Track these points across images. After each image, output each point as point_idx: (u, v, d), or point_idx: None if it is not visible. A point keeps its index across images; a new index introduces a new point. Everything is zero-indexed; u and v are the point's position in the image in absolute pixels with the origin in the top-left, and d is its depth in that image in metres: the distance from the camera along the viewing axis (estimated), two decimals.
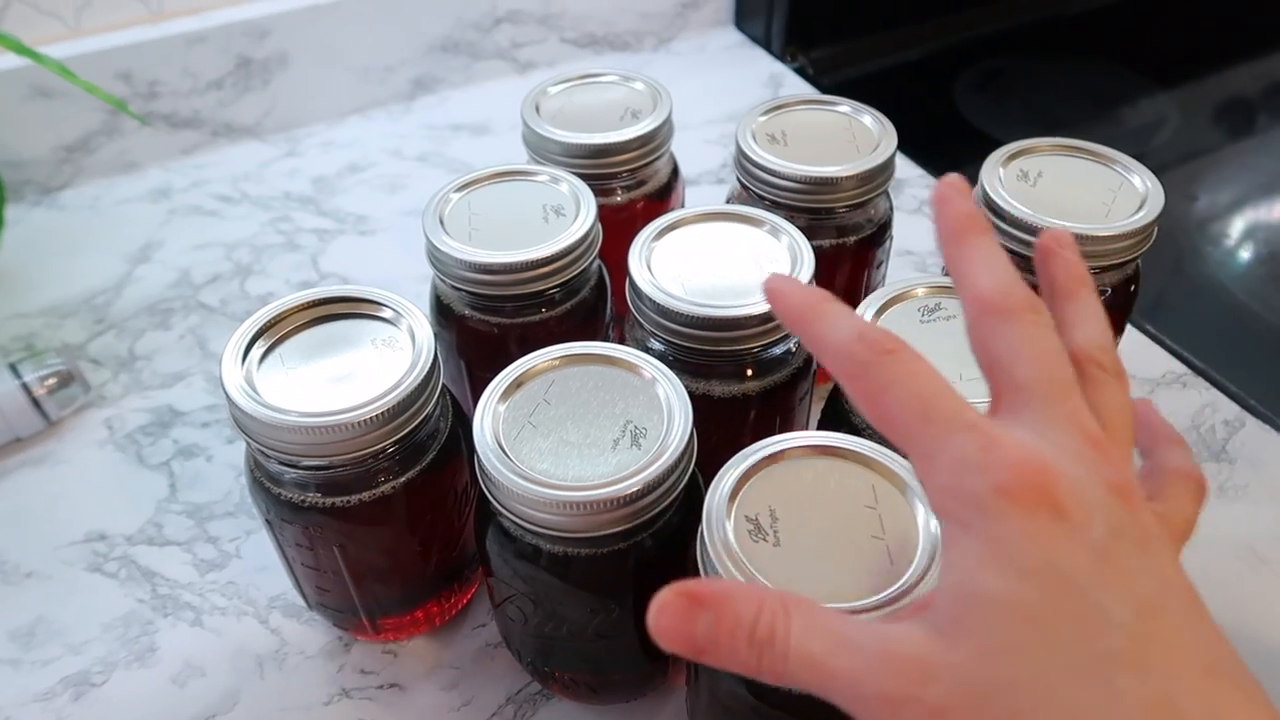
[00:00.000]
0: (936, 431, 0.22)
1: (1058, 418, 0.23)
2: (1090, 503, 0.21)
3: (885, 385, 0.23)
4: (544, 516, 0.34)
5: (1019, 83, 0.94)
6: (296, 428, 0.35)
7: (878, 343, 0.23)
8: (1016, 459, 0.21)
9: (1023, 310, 0.24)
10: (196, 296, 0.65)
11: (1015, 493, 0.20)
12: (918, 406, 0.22)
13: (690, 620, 0.23)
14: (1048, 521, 0.20)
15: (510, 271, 0.43)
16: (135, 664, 0.45)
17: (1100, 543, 0.20)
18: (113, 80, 0.71)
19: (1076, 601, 0.20)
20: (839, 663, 0.21)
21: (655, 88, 0.55)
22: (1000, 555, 0.20)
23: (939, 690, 0.20)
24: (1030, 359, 0.23)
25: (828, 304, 0.25)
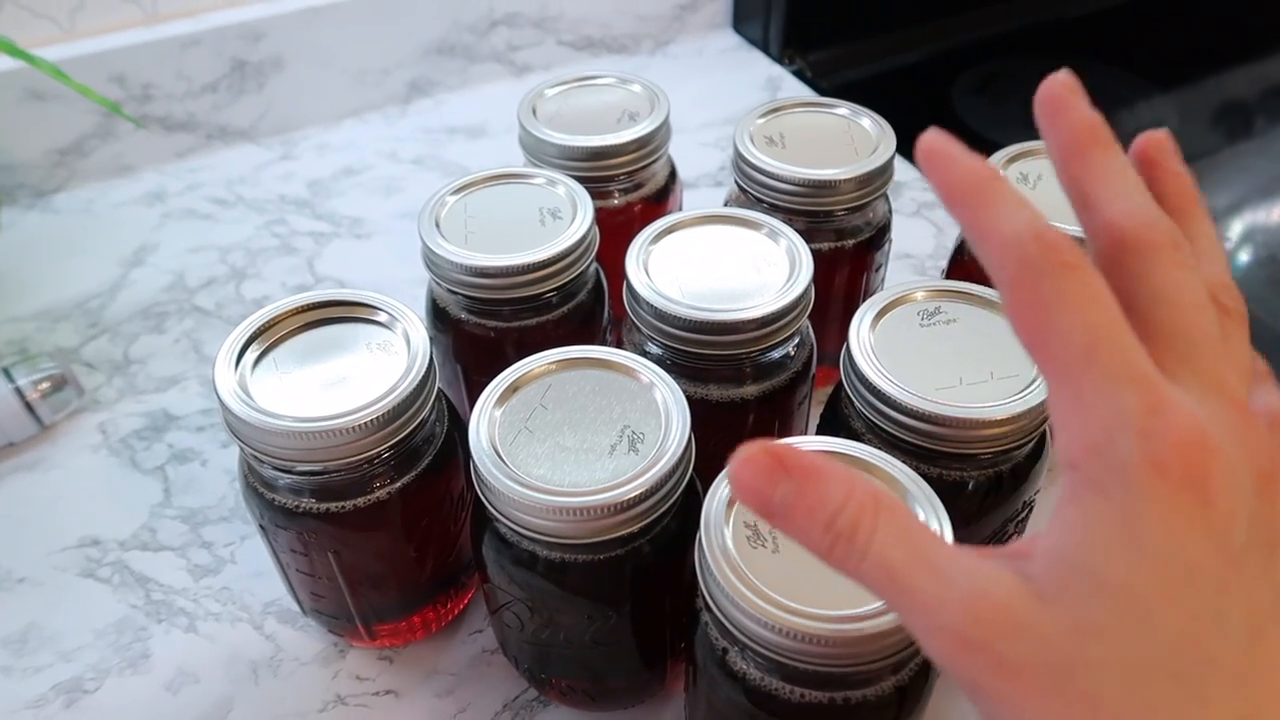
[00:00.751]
0: (1100, 376, 0.19)
1: (1213, 383, 0.20)
2: (1237, 498, 0.19)
3: (1055, 304, 0.20)
4: (540, 523, 0.33)
5: (1017, 85, 0.93)
6: (290, 433, 0.35)
7: (1058, 249, 0.20)
8: (1181, 432, 0.19)
9: (1167, 247, 0.22)
10: (191, 300, 0.64)
11: (1170, 470, 0.18)
12: (1086, 340, 0.19)
13: (771, 483, 0.21)
14: (1192, 508, 0.18)
15: (507, 275, 0.42)
16: (128, 671, 0.45)
17: (1236, 546, 0.19)
18: (107, 83, 0.71)
19: (1195, 601, 0.18)
20: (918, 582, 0.20)
21: (653, 90, 0.55)
22: (1129, 532, 0.19)
23: (1019, 650, 0.19)
24: (1181, 307, 0.21)
25: (1002, 184, 0.21)
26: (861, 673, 0.31)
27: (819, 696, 0.32)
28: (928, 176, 0.22)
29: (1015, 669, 0.19)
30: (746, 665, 0.32)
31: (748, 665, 0.32)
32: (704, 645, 0.34)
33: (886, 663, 0.30)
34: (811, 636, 0.29)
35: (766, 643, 0.30)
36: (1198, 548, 0.18)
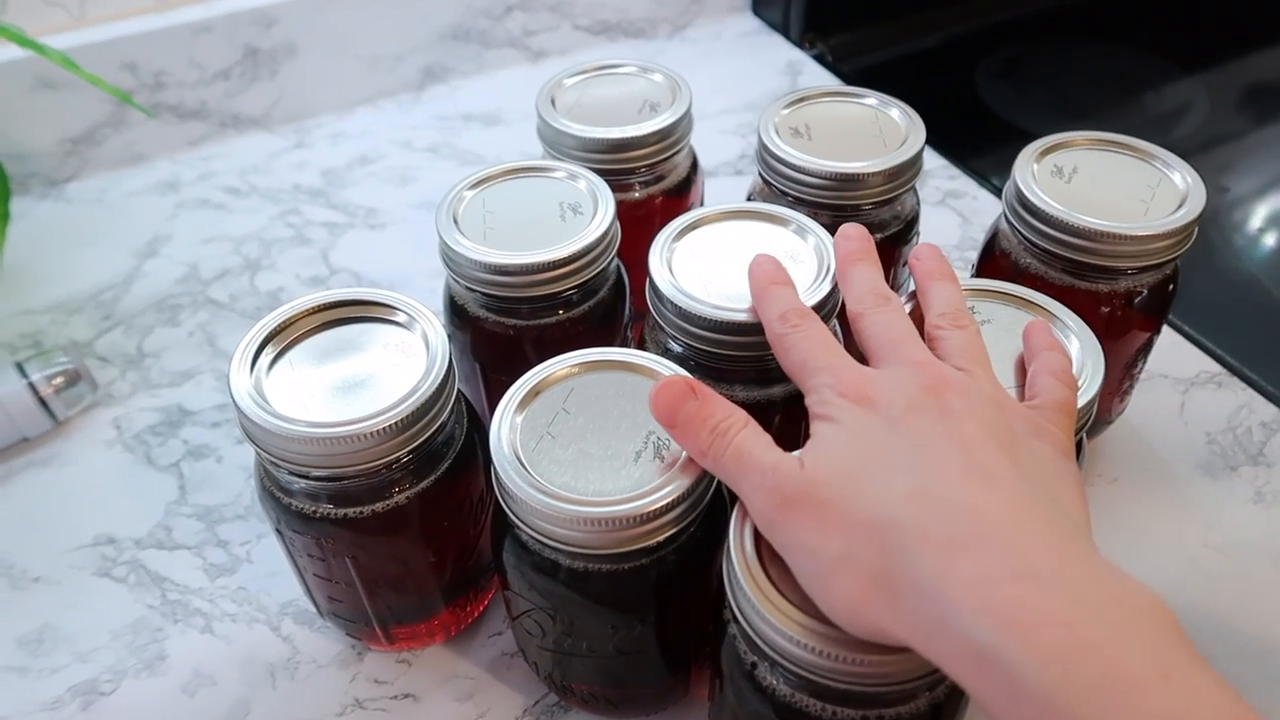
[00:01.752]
0: (811, 372, 0.33)
1: (893, 359, 0.33)
2: (896, 396, 0.31)
3: (789, 348, 0.35)
4: (563, 532, 0.33)
5: (1041, 69, 0.92)
6: (307, 438, 0.34)
7: (788, 318, 0.35)
8: (850, 380, 0.32)
9: (870, 307, 0.35)
10: (205, 292, 0.64)
11: (850, 395, 0.31)
12: (803, 359, 0.34)
13: (682, 400, 0.32)
14: (865, 410, 0.31)
15: (527, 273, 0.41)
16: (145, 672, 0.44)
17: (897, 416, 0.30)
18: (118, 71, 0.70)
19: (874, 441, 0.30)
20: (756, 459, 0.31)
21: (674, 79, 0.53)
22: (835, 423, 0.31)
23: (791, 487, 0.29)
24: (876, 333, 0.34)
25: (776, 287, 0.37)
26: (895, 690, 0.30)
27: (851, 714, 0.31)
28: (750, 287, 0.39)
29: (791, 500, 0.29)
30: (775, 680, 0.31)
31: (777, 680, 0.31)
32: (731, 657, 0.33)
33: (921, 681, 0.30)
34: (844, 654, 0.28)
35: (796, 659, 0.29)
36: (872, 422, 0.30)
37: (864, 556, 0.27)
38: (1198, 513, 0.50)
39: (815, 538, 0.28)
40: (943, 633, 0.26)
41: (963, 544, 0.26)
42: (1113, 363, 0.45)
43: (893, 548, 0.27)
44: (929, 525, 0.27)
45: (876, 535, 0.27)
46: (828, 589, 0.28)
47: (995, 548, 0.26)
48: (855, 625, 0.28)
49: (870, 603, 0.27)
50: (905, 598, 0.26)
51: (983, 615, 0.25)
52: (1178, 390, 0.55)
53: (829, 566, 0.28)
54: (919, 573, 0.26)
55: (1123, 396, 0.50)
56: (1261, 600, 0.46)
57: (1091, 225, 0.42)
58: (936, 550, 0.26)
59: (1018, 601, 0.25)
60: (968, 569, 0.26)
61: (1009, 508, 0.27)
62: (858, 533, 0.28)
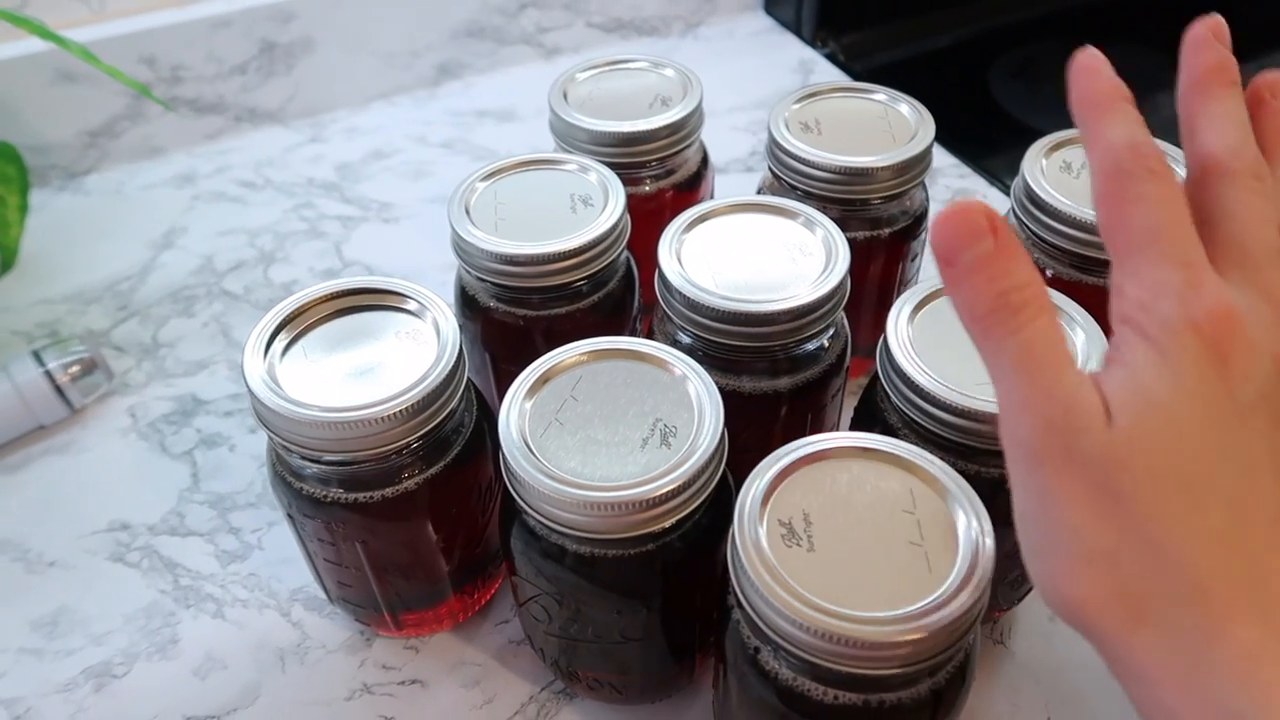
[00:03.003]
0: (1156, 255, 0.24)
1: (1257, 283, 0.25)
2: (1252, 365, 0.24)
3: (1133, 199, 0.25)
4: (570, 517, 0.33)
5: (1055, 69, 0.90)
6: (319, 423, 0.35)
7: (1147, 158, 0.25)
8: (1213, 304, 0.24)
9: (1245, 174, 0.26)
10: (220, 284, 0.64)
11: (1202, 330, 0.23)
12: (1151, 229, 0.24)
13: (975, 237, 0.24)
14: (1214, 365, 0.23)
15: (537, 263, 0.42)
16: (157, 655, 0.45)
17: (1245, 403, 0.24)
18: (136, 64, 0.70)
19: (1209, 434, 0.23)
20: (1044, 369, 0.24)
21: (685, 74, 0.54)
22: (1170, 372, 0.24)
23: (1084, 445, 0.24)
24: (1244, 222, 0.25)
25: (1123, 105, 0.27)
26: (897, 675, 0.30)
27: (853, 698, 0.31)
28: (1070, 83, 0.27)
29: (1077, 458, 0.24)
30: (778, 665, 0.32)
31: (780, 665, 0.32)
32: (735, 643, 0.33)
33: (923, 665, 0.30)
34: (846, 638, 0.29)
35: (800, 643, 0.30)
36: (1216, 395, 0.23)
37: (1131, 568, 0.24)
38: None
39: (1085, 517, 0.24)
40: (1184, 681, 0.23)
41: (1248, 610, 0.23)
42: None
43: (1171, 579, 0.23)
44: (1222, 578, 0.23)
45: (1159, 557, 0.23)
46: (1065, 573, 0.24)
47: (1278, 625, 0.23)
48: (1069, 614, 0.25)
49: (1108, 610, 0.24)
50: (1153, 629, 0.23)
51: (1245, 686, 0.22)
52: None
53: (1084, 555, 0.24)
54: (1187, 617, 0.23)
55: None
56: None
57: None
58: (1218, 606, 0.23)
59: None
60: (1245, 638, 0.23)
61: None
62: (1142, 544, 0.24)
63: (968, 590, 0.29)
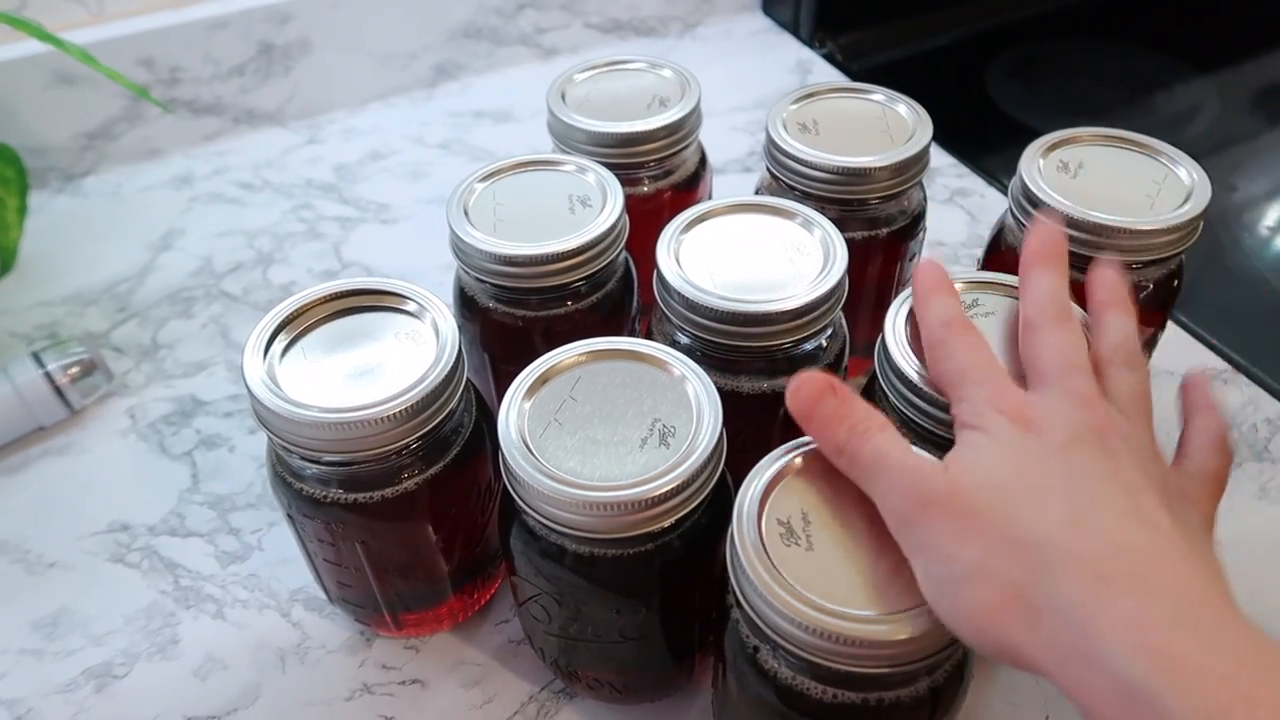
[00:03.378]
0: (968, 382, 0.32)
1: (1059, 388, 0.31)
2: (1058, 425, 0.30)
3: (949, 354, 0.33)
4: (570, 516, 0.33)
5: (1052, 69, 0.92)
6: (319, 423, 0.35)
7: (953, 327, 0.34)
8: (1013, 400, 0.31)
9: (1047, 321, 0.33)
10: (219, 285, 0.64)
11: (1008, 413, 0.30)
12: (962, 368, 0.33)
13: (822, 397, 0.32)
14: (1023, 430, 0.30)
15: (536, 264, 0.42)
16: (157, 656, 0.45)
17: (1058, 444, 0.29)
18: (135, 66, 0.70)
19: (1029, 461, 0.29)
20: (896, 460, 0.30)
21: (683, 75, 0.54)
22: (987, 435, 0.30)
23: (932, 489, 0.29)
24: (1047, 353, 0.33)
25: (943, 293, 0.36)
26: (895, 674, 0.30)
27: (851, 697, 0.31)
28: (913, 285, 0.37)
29: (929, 500, 0.29)
30: (777, 664, 0.32)
31: (779, 664, 0.32)
32: (734, 642, 0.34)
33: (921, 664, 0.30)
34: (845, 637, 0.29)
35: (799, 642, 0.30)
36: (1028, 442, 0.30)
37: (1005, 571, 0.27)
38: None
39: (954, 543, 0.28)
40: (1086, 665, 0.25)
41: (1120, 581, 0.25)
42: None
43: (1040, 568, 0.26)
44: (1083, 554, 0.26)
45: (1023, 552, 0.27)
46: (957, 598, 0.28)
47: (1154, 591, 0.25)
48: (981, 639, 0.27)
49: (1003, 620, 0.26)
50: (1046, 621, 0.26)
51: (1139, 656, 0.24)
52: None
53: (964, 575, 0.27)
54: (1066, 599, 0.25)
55: None
56: (1265, 595, 0.46)
57: (1096, 219, 0.42)
58: (1090, 582, 0.25)
59: (1178, 649, 0.24)
60: (1124, 607, 0.25)
61: (1168, 557, 0.26)
62: (1002, 546, 0.27)
63: None
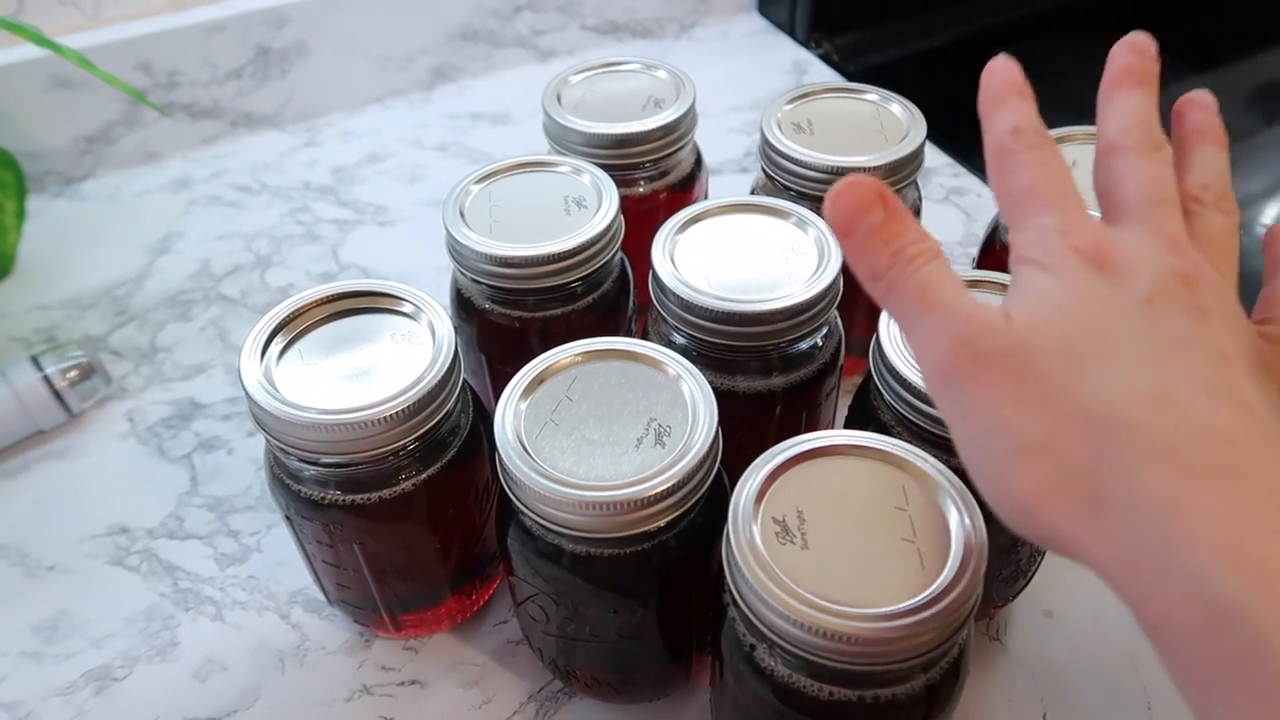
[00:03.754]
0: (1036, 205, 0.27)
1: (1144, 225, 0.27)
2: (1142, 271, 0.25)
3: (1015, 168, 0.28)
4: (566, 516, 0.33)
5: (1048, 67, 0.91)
6: (316, 425, 0.35)
7: (1026, 136, 0.28)
8: (1090, 234, 0.26)
9: (1134, 146, 0.29)
10: (217, 288, 0.65)
11: (1082, 251, 0.26)
12: (1028, 186, 0.28)
13: (868, 208, 0.26)
14: (1100, 274, 0.25)
15: (532, 265, 0.42)
16: (157, 658, 0.45)
17: (1141, 295, 0.25)
18: (132, 70, 0.71)
19: (1107, 315, 0.25)
20: (944, 295, 0.26)
21: (678, 76, 0.54)
22: (1059, 279, 0.26)
23: (991, 343, 0.25)
24: (1131, 183, 0.28)
25: (1011, 97, 0.29)
26: (891, 671, 0.30)
27: (848, 694, 0.31)
28: (981, 83, 0.30)
29: (986, 358, 0.25)
30: (774, 662, 0.32)
31: (775, 662, 0.32)
32: (731, 641, 0.34)
33: (917, 661, 0.30)
34: (841, 634, 0.29)
35: (795, 640, 0.30)
36: (1104, 290, 0.25)
37: (1071, 451, 0.23)
38: None
39: (1010, 411, 0.24)
40: (1163, 570, 0.22)
41: (1212, 474, 0.22)
42: None
43: (1116, 451, 0.23)
44: (1171, 439, 0.22)
45: (1097, 431, 0.23)
46: (1010, 475, 0.24)
47: (1252, 492, 0.22)
48: (1028, 524, 0.24)
49: (1061, 506, 0.23)
50: (1116, 514, 0.22)
51: (1229, 564, 0.21)
52: None
53: (1020, 449, 0.24)
54: (1147, 491, 0.22)
55: None
56: None
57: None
58: (1177, 471, 0.22)
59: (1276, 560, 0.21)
60: (1216, 506, 0.22)
61: (1265, 449, 0.23)
62: (1072, 421, 0.23)
63: (960, 586, 0.29)
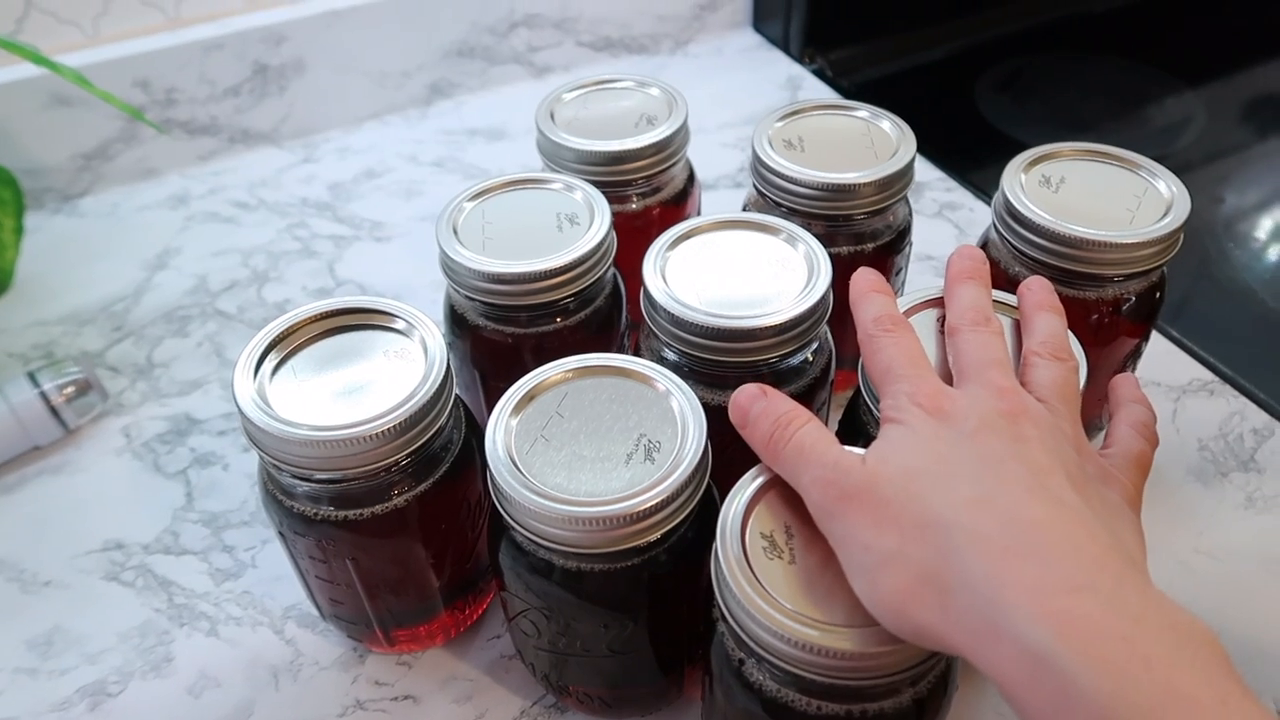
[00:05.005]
0: (894, 378, 0.34)
1: (977, 381, 0.33)
2: (970, 413, 0.31)
3: (878, 349, 0.35)
4: (557, 532, 0.33)
5: (1040, 82, 0.92)
6: (309, 441, 0.35)
7: (884, 323, 0.36)
8: (928, 391, 0.33)
9: (969, 325, 0.36)
10: (214, 304, 0.65)
11: (925, 405, 0.32)
12: (889, 364, 0.34)
13: (752, 401, 0.34)
14: (937, 420, 0.32)
15: (524, 281, 0.42)
16: (151, 674, 0.45)
17: (969, 431, 0.31)
18: (130, 88, 0.71)
19: (941, 448, 0.31)
20: (817, 452, 0.32)
21: (671, 93, 0.55)
22: (903, 427, 0.32)
23: (852, 481, 0.30)
24: (968, 352, 0.35)
25: (877, 294, 0.38)
26: (879, 685, 0.30)
27: (836, 709, 0.31)
28: (850, 286, 0.39)
29: (850, 495, 0.30)
30: (763, 677, 0.32)
31: (764, 677, 0.32)
32: (720, 655, 0.34)
33: (904, 675, 0.30)
34: (828, 649, 0.29)
35: (783, 655, 0.30)
36: (942, 433, 0.31)
37: (917, 555, 0.28)
38: (1190, 517, 0.50)
39: (870, 533, 0.29)
40: (994, 636, 0.26)
41: (1025, 552, 0.27)
42: (1102, 369, 0.46)
43: (948, 548, 0.27)
44: (987, 531, 0.27)
45: (932, 534, 0.28)
46: (876, 583, 0.29)
47: (1054, 560, 0.26)
48: (900, 622, 0.28)
49: (919, 601, 0.28)
50: (957, 598, 0.27)
51: (1040, 621, 0.25)
52: (1170, 398, 0.56)
53: (880, 561, 0.29)
54: (973, 574, 0.27)
55: None
56: (1252, 603, 0.46)
57: (1078, 233, 0.43)
58: (993, 555, 0.27)
59: (1077, 611, 0.25)
60: (1026, 575, 0.26)
61: (1070, 528, 0.27)
62: (913, 531, 0.28)
63: None
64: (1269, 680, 0.43)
